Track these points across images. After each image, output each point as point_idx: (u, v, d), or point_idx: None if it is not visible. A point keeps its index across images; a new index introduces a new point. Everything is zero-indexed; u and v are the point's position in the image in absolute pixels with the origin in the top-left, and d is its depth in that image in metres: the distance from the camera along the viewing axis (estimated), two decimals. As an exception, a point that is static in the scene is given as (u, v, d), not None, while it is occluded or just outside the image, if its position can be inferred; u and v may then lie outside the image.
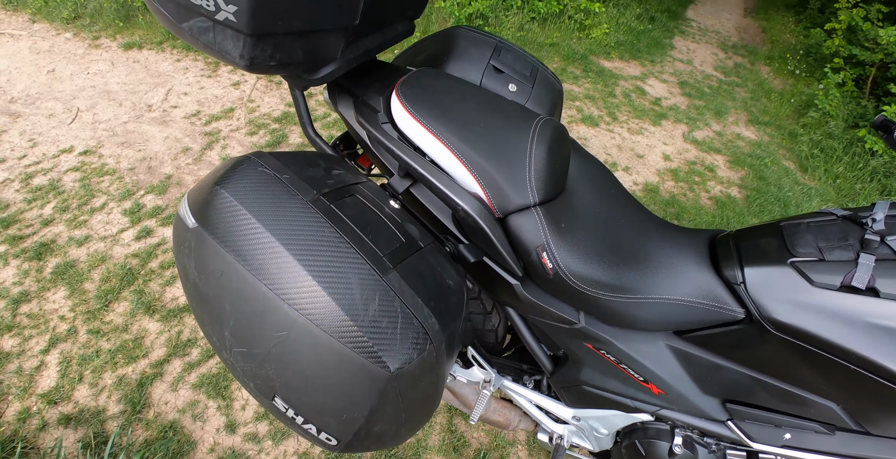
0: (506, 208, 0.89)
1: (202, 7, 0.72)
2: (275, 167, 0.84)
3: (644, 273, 0.94)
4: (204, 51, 0.84)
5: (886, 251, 0.82)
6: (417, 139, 0.92)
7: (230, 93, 3.18)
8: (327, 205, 0.80)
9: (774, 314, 0.85)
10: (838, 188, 3.85)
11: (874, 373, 0.80)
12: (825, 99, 4.52)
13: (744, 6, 9.39)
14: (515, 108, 0.99)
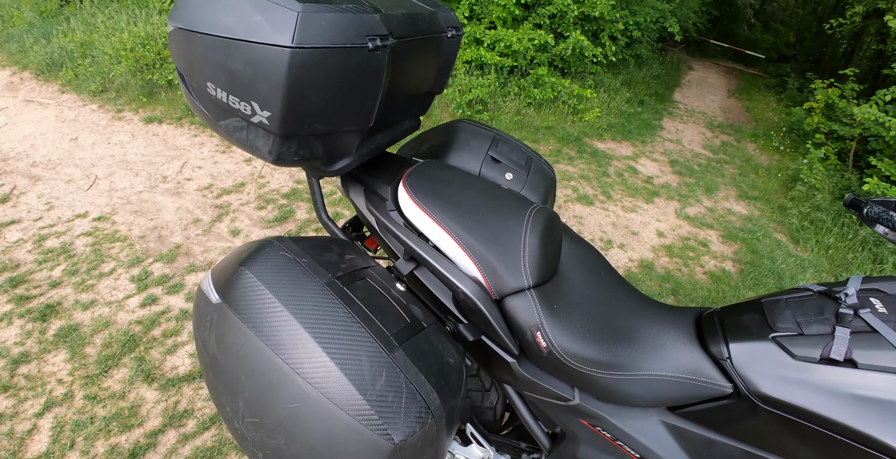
0: (502, 290, 0.96)
1: (240, 111, 0.84)
2: (294, 251, 0.91)
3: (634, 350, 0.98)
4: (236, 145, 0.95)
5: (861, 324, 0.86)
6: (422, 226, 1.00)
7: (242, 168, 3.31)
8: (341, 288, 0.87)
9: (760, 388, 0.87)
10: (831, 258, 3.91)
11: (860, 443, 0.81)
12: (810, 173, 4.70)
13: (727, 88, 9.98)
14: (511, 197, 1.07)
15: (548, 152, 4.56)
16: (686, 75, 10.05)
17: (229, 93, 0.83)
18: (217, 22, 0.79)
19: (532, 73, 4.62)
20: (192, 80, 0.88)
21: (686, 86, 9.06)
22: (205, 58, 0.82)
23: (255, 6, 0.77)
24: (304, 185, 3.12)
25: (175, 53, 0.90)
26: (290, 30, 0.74)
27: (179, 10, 0.84)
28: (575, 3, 4.10)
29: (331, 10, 0.79)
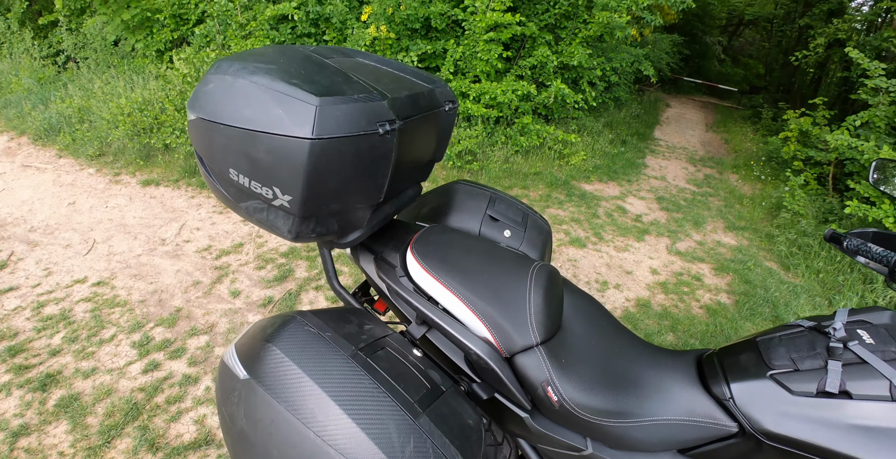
0: (512, 349, 1.00)
1: (262, 195, 0.90)
2: (317, 325, 0.96)
3: (641, 397, 1.01)
4: (255, 224, 1.00)
5: (851, 356, 0.90)
6: (431, 290, 1.05)
7: (240, 229, 3.33)
8: (364, 359, 0.91)
9: (764, 425, 0.91)
10: (822, 282, 3.94)
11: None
12: (793, 200, 4.79)
13: (705, 122, 10.31)
14: (513, 257, 1.13)
15: (537, 197, 4.65)
16: (664, 112, 10.38)
17: (251, 178, 0.88)
18: (239, 114, 0.85)
19: (517, 122, 4.79)
20: (214, 166, 0.94)
21: (665, 124, 9.34)
22: (228, 146, 0.88)
23: (276, 100, 0.83)
24: (301, 245, 3.12)
25: (196, 140, 0.95)
26: (309, 123, 0.80)
27: (201, 101, 0.90)
28: (554, 55, 4.31)
29: (345, 101, 0.85)
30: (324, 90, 0.85)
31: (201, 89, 0.91)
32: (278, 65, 0.90)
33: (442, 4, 3.92)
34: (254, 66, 0.88)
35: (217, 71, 0.90)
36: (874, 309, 1.04)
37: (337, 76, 0.94)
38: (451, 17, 4.15)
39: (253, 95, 0.84)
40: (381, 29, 3.68)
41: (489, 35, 3.86)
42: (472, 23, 3.91)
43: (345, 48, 1.16)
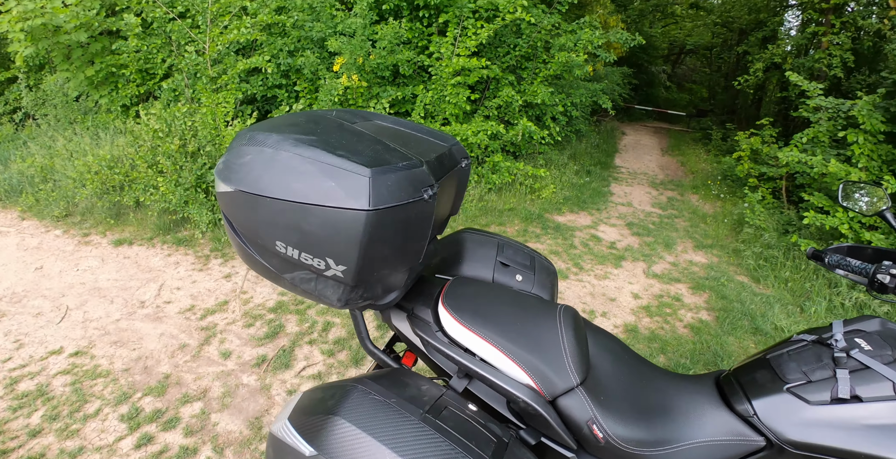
0: (554, 392, 1.03)
1: (312, 266, 0.90)
2: (381, 392, 0.94)
3: (674, 423, 1.06)
4: (300, 294, 0.99)
5: (854, 363, 1.00)
6: (467, 342, 1.07)
7: (222, 285, 3.20)
8: (434, 421, 0.91)
9: (789, 435, 0.98)
10: (791, 290, 4.09)
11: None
12: (753, 215, 5.00)
13: (660, 147, 10.76)
14: (535, 302, 1.18)
15: (514, 232, 4.70)
16: (621, 140, 10.81)
17: (302, 250, 0.88)
18: (288, 187, 0.84)
19: (489, 161, 4.89)
20: (256, 238, 0.93)
21: (623, 151, 9.71)
22: (275, 219, 0.87)
23: (326, 173, 0.83)
24: (288, 297, 3.06)
25: (233, 212, 0.94)
26: (364, 194, 0.82)
27: (238, 173, 0.89)
28: (518, 94, 4.47)
29: (392, 170, 0.87)
30: (371, 161, 0.86)
31: (236, 161, 0.91)
32: (317, 135, 0.92)
33: (408, 52, 4.04)
34: (294, 138, 0.88)
35: (252, 142, 0.91)
36: (864, 318, 1.15)
37: (376, 144, 0.96)
38: (417, 63, 4.29)
39: (301, 168, 0.85)
40: (352, 78, 3.76)
41: (457, 79, 3.99)
42: (439, 68, 4.04)
43: (362, 111, 1.19)
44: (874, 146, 4.32)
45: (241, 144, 0.93)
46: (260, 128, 0.96)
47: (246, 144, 0.92)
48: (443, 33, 4.42)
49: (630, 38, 4.85)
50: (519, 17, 4.01)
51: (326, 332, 2.70)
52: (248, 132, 0.95)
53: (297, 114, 1.11)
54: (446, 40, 4.07)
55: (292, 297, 3.01)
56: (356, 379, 1.00)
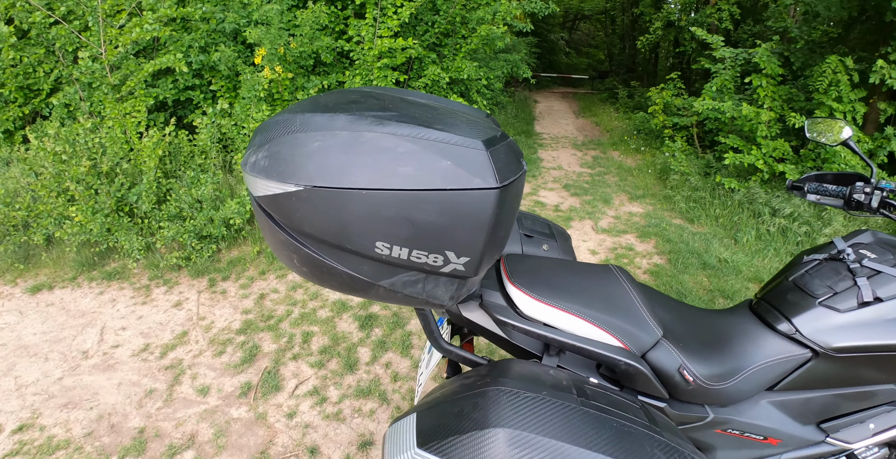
0: (643, 347, 1.03)
1: (426, 264, 0.75)
2: (528, 388, 0.81)
3: (735, 354, 1.12)
4: (398, 302, 0.84)
5: (868, 271, 1.13)
6: (547, 318, 1.01)
7: (174, 315, 2.76)
8: (592, 404, 0.82)
9: (831, 343, 1.08)
10: (722, 226, 4.32)
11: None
12: (676, 162, 5.24)
13: (572, 110, 11.05)
14: (588, 267, 1.15)
15: (554, 222, 4.58)
16: (535, 108, 10.98)
17: (413, 248, 0.73)
18: (392, 174, 0.69)
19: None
20: (346, 244, 0.74)
21: (540, 118, 9.86)
22: (375, 216, 0.71)
23: (437, 152, 0.69)
24: (255, 315, 2.73)
25: (300, 217, 0.74)
26: (489, 170, 0.70)
27: (305, 166, 0.71)
28: (443, 72, 4.30)
29: (497, 141, 0.75)
30: (477, 133, 0.74)
31: (293, 152, 0.72)
32: (392, 110, 0.76)
33: (326, 38, 3.73)
34: (373, 116, 0.72)
35: (309, 127, 0.73)
36: (858, 232, 1.28)
37: (454, 117, 0.81)
38: (337, 49, 3.99)
39: (401, 149, 0.69)
40: (276, 70, 3.40)
41: (382, 61, 3.75)
42: (361, 52, 3.78)
43: (380, 87, 0.99)
44: (775, 88, 4.61)
45: (291, 132, 0.73)
46: (305, 109, 0.77)
47: (300, 131, 0.73)
48: (360, 16, 4.13)
49: (544, 6, 4.80)
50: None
51: (308, 343, 2.45)
52: (294, 115, 0.75)
53: (335, 92, 0.91)
54: (365, 22, 3.80)
55: (259, 314, 2.70)
56: (480, 381, 0.85)
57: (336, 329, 2.57)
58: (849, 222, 3.99)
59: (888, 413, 1.22)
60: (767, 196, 4.42)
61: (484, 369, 0.95)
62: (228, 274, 3.08)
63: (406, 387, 2.19)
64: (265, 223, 0.80)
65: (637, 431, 0.79)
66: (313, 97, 0.87)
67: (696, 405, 1.12)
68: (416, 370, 2.30)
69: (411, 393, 2.16)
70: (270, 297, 2.87)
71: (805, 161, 4.38)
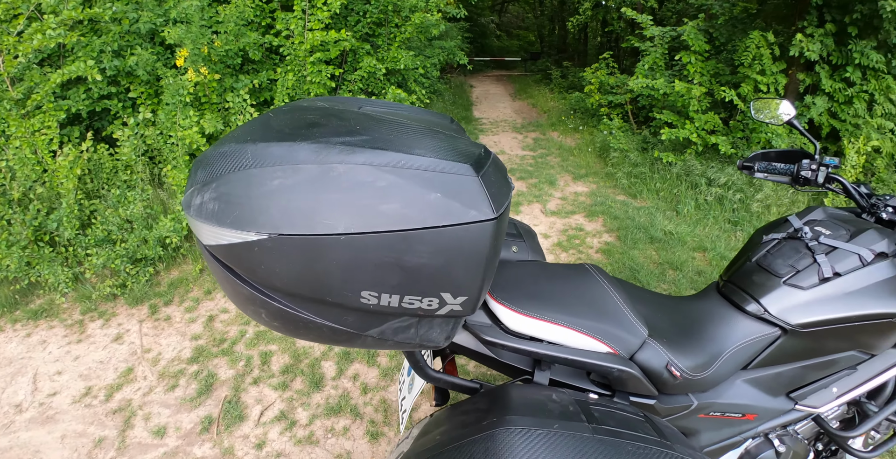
0: (631, 349, 1.01)
1: (419, 309, 0.67)
2: (538, 424, 0.74)
3: (711, 341, 1.14)
4: (388, 348, 0.76)
5: (825, 247, 1.17)
6: (533, 331, 0.97)
7: (116, 351, 2.45)
8: (603, 429, 0.77)
9: (798, 320, 1.12)
10: (663, 199, 4.46)
11: (869, 319, 1.13)
12: (615, 140, 5.34)
13: (508, 93, 11.06)
14: (563, 269, 1.12)
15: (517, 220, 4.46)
16: (472, 93, 10.90)
17: (404, 294, 0.65)
18: (374, 215, 0.59)
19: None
20: (327, 296, 0.64)
21: (478, 103, 9.79)
22: (358, 263, 0.61)
23: (423, 183, 0.59)
24: (205, 340, 2.49)
25: (266, 269, 0.63)
26: (484, 199, 0.61)
27: (267, 211, 0.59)
28: (379, 63, 4.11)
29: (484, 161, 0.67)
30: (462, 155, 0.64)
31: (248, 193, 0.60)
32: (362, 133, 0.64)
33: (253, 34, 3.44)
34: (340, 143, 0.61)
35: (265, 161, 0.61)
36: (810, 209, 1.32)
37: (428, 134, 0.70)
38: (265, 45, 3.70)
39: (381, 182, 0.59)
40: (201, 71, 3.10)
41: (316, 56, 3.52)
42: (291, 47, 3.52)
43: (337, 98, 0.87)
44: (703, 63, 4.75)
45: (243, 167, 0.61)
46: (255, 136, 0.64)
47: (254, 166, 0.61)
48: (287, 8, 3.84)
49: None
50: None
51: (268, 365, 2.28)
52: (243, 146, 0.63)
53: (286, 109, 0.77)
54: (294, 15, 3.53)
55: (211, 338, 2.49)
56: (483, 419, 0.76)
57: (296, 345, 2.41)
58: (777, 186, 4.19)
59: (848, 377, 1.30)
60: (703, 167, 4.57)
61: (482, 401, 0.87)
62: (171, 298, 2.80)
63: (377, 398, 2.09)
64: (221, 274, 0.68)
65: (651, 450, 0.75)
66: (262, 118, 0.73)
67: (681, 396, 1.14)
68: (384, 379, 2.20)
69: (384, 404, 2.06)
70: (220, 319, 2.64)
71: (735, 131, 4.56)
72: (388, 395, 2.11)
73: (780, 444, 1.28)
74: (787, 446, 1.29)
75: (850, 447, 1.37)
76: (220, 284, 0.73)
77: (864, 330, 1.17)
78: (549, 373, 1.03)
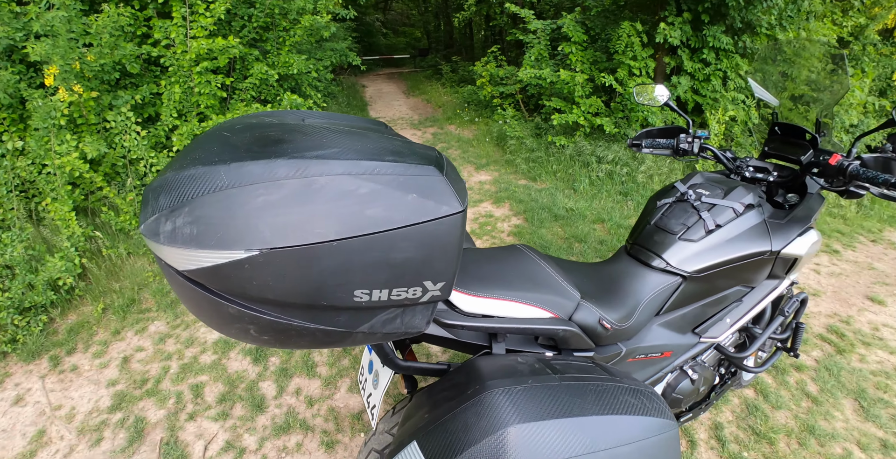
0: (569, 312, 1.13)
1: (405, 299, 0.73)
2: (516, 381, 0.85)
3: (629, 295, 1.29)
4: (377, 341, 0.81)
5: (707, 205, 1.37)
6: (484, 309, 1.04)
7: (19, 414, 2.07)
8: (567, 376, 0.89)
9: (695, 267, 1.31)
10: (561, 179, 4.75)
11: (747, 258, 1.35)
12: (511, 128, 5.59)
13: (401, 91, 11.01)
14: (497, 251, 1.22)
15: None
16: (365, 93, 10.70)
17: (393, 287, 0.71)
18: (362, 219, 0.64)
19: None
20: (321, 300, 0.68)
21: (372, 102, 9.64)
22: (351, 265, 0.66)
23: (398, 186, 0.66)
24: (124, 384, 2.22)
25: (262, 284, 0.65)
26: (451, 194, 0.69)
27: (255, 229, 0.61)
28: (271, 68, 3.90)
29: (443, 162, 0.73)
30: (421, 158, 0.71)
31: (232, 213, 0.61)
32: (330, 145, 0.68)
33: (129, 45, 3.08)
34: (315, 156, 0.65)
35: (242, 180, 0.62)
36: (691, 175, 1.51)
37: (386, 139, 0.76)
38: (142, 56, 3.34)
39: (361, 190, 0.64)
40: (74, 89, 2.72)
41: (202, 65, 3.24)
42: (173, 57, 3.21)
43: (284, 111, 0.90)
44: (583, 52, 5.10)
45: (220, 188, 0.62)
46: (224, 157, 0.65)
47: (232, 186, 0.62)
48: (165, 15, 3.49)
49: None
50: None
51: (201, 397, 2.11)
52: (213, 168, 0.64)
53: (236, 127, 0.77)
54: (173, 23, 3.21)
55: (130, 381, 2.23)
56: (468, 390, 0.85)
57: (228, 371, 2.26)
58: (657, 158, 4.64)
59: (736, 308, 1.53)
60: (592, 147, 4.93)
61: (457, 376, 0.94)
62: (73, 346, 2.47)
63: (325, 408, 2.03)
64: (200, 298, 0.69)
65: (607, 386, 0.88)
66: (215, 138, 0.72)
67: (612, 346, 1.27)
68: (328, 388, 2.14)
69: (333, 413, 2.01)
70: (137, 358, 2.39)
71: (616, 112, 4.96)
72: (335, 403, 2.06)
73: (693, 373, 1.48)
74: (699, 374, 1.49)
75: (745, 366, 1.61)
76: (194, 309, 0.73)
77: (744, 268, 1.39)
78: (505, 344, 1.12)
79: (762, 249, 1.37)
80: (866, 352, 2.40)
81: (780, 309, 1.69)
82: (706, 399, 1.70)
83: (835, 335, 2.54)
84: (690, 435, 1.89)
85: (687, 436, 1.89)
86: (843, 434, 1.91)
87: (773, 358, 1.77)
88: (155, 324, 2.63)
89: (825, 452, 1.83)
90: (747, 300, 1.54)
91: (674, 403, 1.51)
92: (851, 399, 2.10)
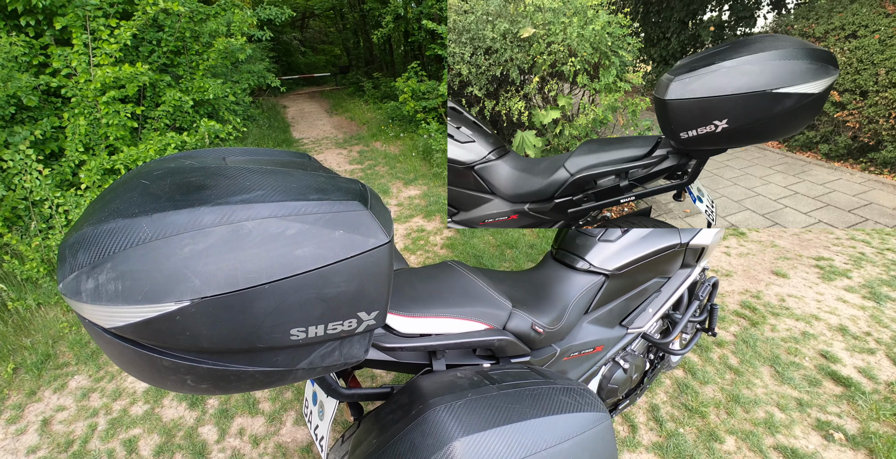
0: (502, 322, 1.15)
1: (341, 332, 0.72)
2: (456, 397, 0.86)
3: (558, 298, 1.34)
4: (316, 375, 0.79)
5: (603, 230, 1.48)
6: (420, 328, 1.04)
7: None
8: (505, 384, 0.92)
9: (614, 265, 1.39)
10: None
11: (659, 253, 1.45)
12: (435, 142, 5.63)
13: (324, 110, 10.75)
14: (432, 270, 1.23)
15: None
16: (287, 114, 10.33)
17: (328, 321, 0.70)
18: (292, 260, 0.63)
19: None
20: (257, 343, 0.66)
21: (295, 123, 9.31)
22: (285, 305, 0.65)
23: (328, 224, 0.65)
24: (47, 449, 1.96)
25: (196, 334, 0.62)
26: (376, 227, 0.69)
27: (187, 279, 0.58)
28: (184, 94, 3.63)
29: (367, 194, 0.73)
30: (344, 192, 0.71)
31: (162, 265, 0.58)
32: (253, 188, 0.66)
33: (23, 76, 2.73)
34: (239, 201, 0.62)
35: (166, 231, 0.59)
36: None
37: (310, 176, 0.75)
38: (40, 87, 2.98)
39: (289, 232, 0.63)
40: None
41: (109, 94, 2.94)
42: (76, 87, 2.89)
43: (203, 150, 0.87)
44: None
45: (143, 241, 0.59)
46: (144, 208, 0.62)
47: (156, 238, 0.59)
48: (64, 42, 3.14)
49: (280, 12, 4.39)
50: (166, 8, 3.09)
51: (135, 452, 1.90)
52: (133, 220, 0.60)
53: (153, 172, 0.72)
54: (74, 50, 2.89)
55: (53, 444, 1.95)
56: (411, 410, 0.87)
57: (163, 420, 2.07)
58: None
59: (656, 298, 1.62)
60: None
61: (401, 399, 0.95)
62: (-20, 413, 2.15)
63: (272, 445, 1.91)
64: (131, 354, 0.65)
65: (543, 389, 0.93)
66: (132, 185, 0.68)
67: (546, 348, 1.31)
68: (273, 424, 2.02)
69: (281, 449, 1.90)
70: (58, 419, 2.11)
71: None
72: (281, 439, 1.95)
73: (625, 363, 1.56)
74: (630, 362, 1.57)
75: (671, 349, 1.70)
76: (125, 365, 0.69)
77: (659, 261, 1.49)
78: (445, 360, 1.13)
79: (672, 242, 1.48)
80: (776, 322, 2.59)
81: (696, 295, 1.80)
82: (640, 385, 1.78)
83: (748, 310, 2.71)
84: (631, 420, 1.97)
85: (628, 421, 1.97)
86: (764, 399, 2.06)
87: (694, 339, 1.89)
88: (76, 379, 2.34)
89: (750, 417, 1.97)
90: (665, 289, 1.65)
91: (611, 393, 1.58)
92: (768, 366, 2.26)
